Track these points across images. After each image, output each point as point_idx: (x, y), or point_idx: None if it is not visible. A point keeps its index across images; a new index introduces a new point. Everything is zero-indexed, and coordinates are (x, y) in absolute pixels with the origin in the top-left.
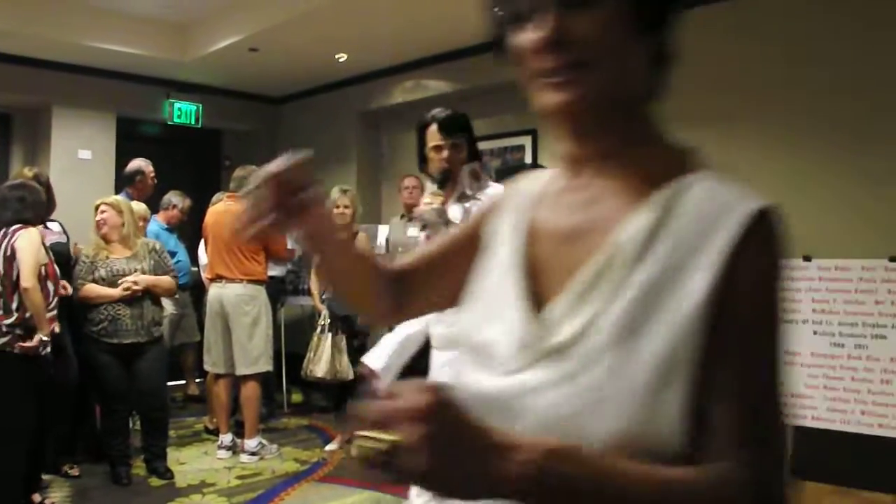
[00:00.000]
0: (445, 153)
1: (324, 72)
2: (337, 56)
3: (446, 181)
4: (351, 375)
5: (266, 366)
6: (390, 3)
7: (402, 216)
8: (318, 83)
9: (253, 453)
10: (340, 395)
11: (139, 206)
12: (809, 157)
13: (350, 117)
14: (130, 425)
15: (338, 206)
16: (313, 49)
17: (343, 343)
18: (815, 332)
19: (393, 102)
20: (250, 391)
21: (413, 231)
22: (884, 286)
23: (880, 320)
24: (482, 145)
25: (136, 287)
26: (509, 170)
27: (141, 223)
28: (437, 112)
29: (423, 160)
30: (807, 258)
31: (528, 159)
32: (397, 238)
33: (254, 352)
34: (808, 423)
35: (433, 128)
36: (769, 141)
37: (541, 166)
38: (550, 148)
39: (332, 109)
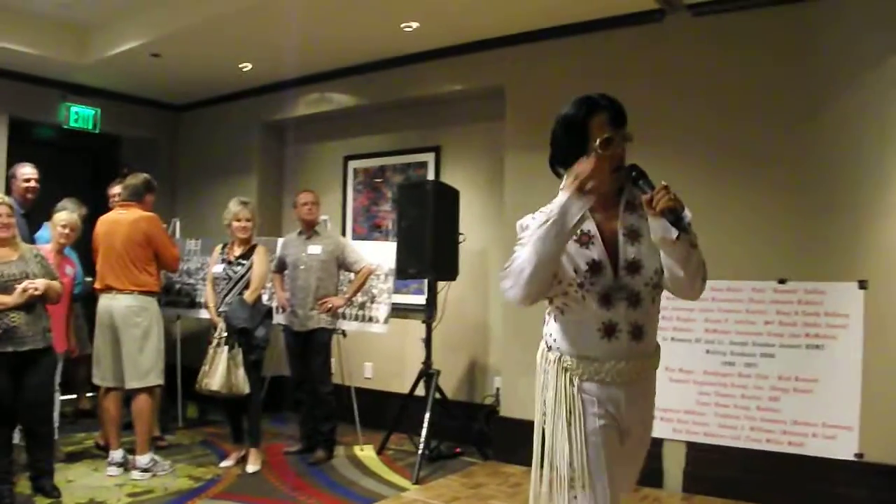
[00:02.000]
0: (621, 148)
1: (227, 80)
2: (241, 65)
3: (633, 182)
4: (246, 390)
5: (157, 380)
6: (296, 15)
7: (300, 233)
8: (222, 92)
9: (145, 470)
10: (236, 410)
11: None
12: (703, 181)
13: (253, 128)
14: (15, 440)
15: (238, 219)
16: (217, 57)
17: (239, 357)
18: (707, 351)
19: (297, 114)
20: (141, 405)
21: (315, 248)
22: (773, 307)
23: (769, 339)
24: (384, 161)
25: (36, 292)
26: (411, 186)
27: None
28: (601, 97)
29: (571, 157)
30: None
31: (431, 176)
32: (296, 255)
33: (144, 365)
34: (701, 439)
35: (603, 116)
36: (664, 165)
37: (443, 184)
38: (452, 165)
39: (234, 119)
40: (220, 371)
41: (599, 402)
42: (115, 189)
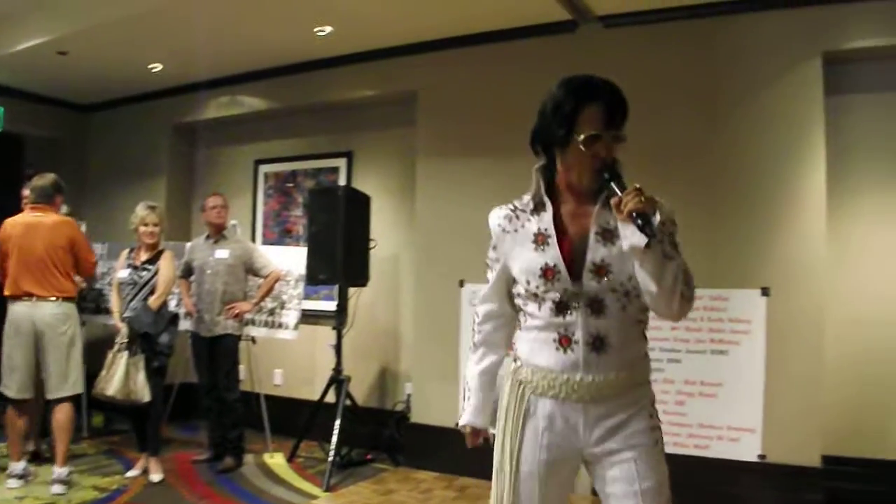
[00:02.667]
0: (605, 148)
1: (136, 81)
2: (151, 66)
3: (605, 183)
4: (146, 397)
5: (80, 387)
6: (208, 17)
7: (208, 237)
8: (131, 92)
9: (64, 482)
10: (141, 418)
11: None
12: None
13: (162, 129)
14: None
15: (146, 224)
16: (126, 56)
17: (141, 363)
18: None
19: (208, 117)
20: (65, 415)
21: (222, 253)
22: None
23: (676, 345)
24: (296, 165)
25: None
26: (322, 191)
27: None
28: (604, 84)
29: (553, 138)
30: None
31: (343, 181)
32: (203, 259)
33: (72, 373)
34: None
35: (598, 108)
36: None
37: (354, 189)
38: (364, 171)
39: (143, 120)
40: (118, 376)
41: (552, 421)
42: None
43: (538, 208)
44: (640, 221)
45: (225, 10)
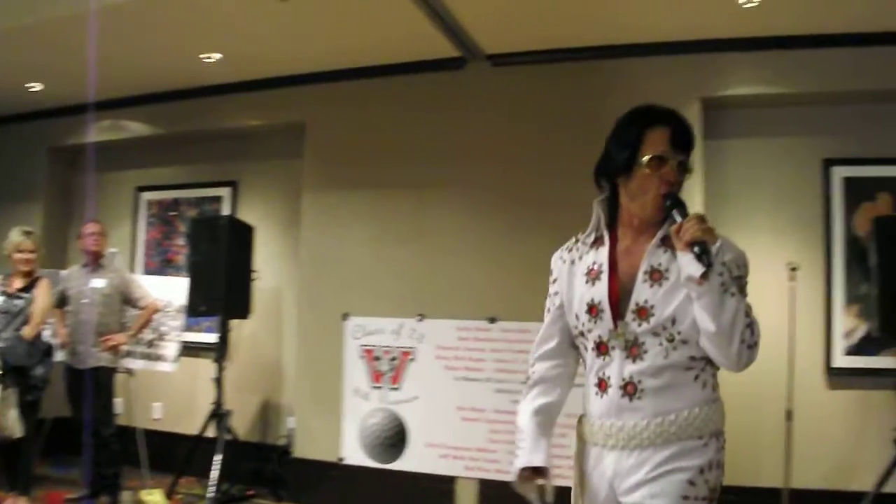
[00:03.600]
0: (672, 172)
1: (13, 101)
2: (29, 85)
3: (667, 210)
4: (18, 433)
5: None
6: (92, 37)
7: (84, 265)
8: (7, 112)
9: None
10: (12, 454)
11: None
12: (496, 225)
13: (40, 152)
14: None
15: (20, 250)
16: (2, 75)
17: (13, 397)
18: (497, 391)
19: (88, 140)
20: None
21: (98, 282)
22: None
23: None
24: (179, 194)
25: None
26: (205, 220)
27: None
28: (668, 111)
29: (615, 168)
30: (492, 320)
31: (227, 211)
32: (78, 288)
33: None
34: (493, 476)
35: (664, 132)
36: (460, 209)
37: (237, 219)
38: (249, 201)
39: (20, 142)
40: None
41: (596, 469)
42: None
43: (597, 242)
44: (697, 250)
45: (109, 31)
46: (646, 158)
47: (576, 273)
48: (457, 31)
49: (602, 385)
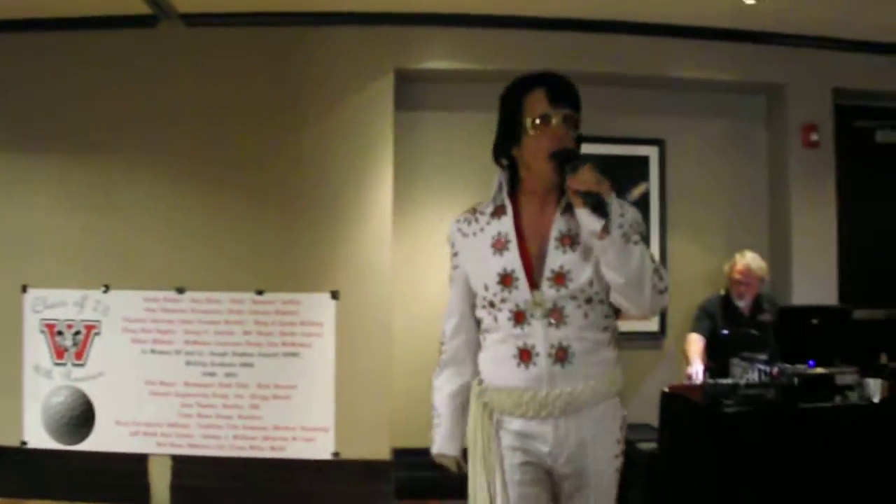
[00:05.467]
0: (558, 129)
1: None
2: None
3: (559, 168)
4: None
5: None
6: None
7: None
8: None
9: None
10: None
11: None
12: (190, 190)
13: None
14: None
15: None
16: None
17: None
18: (188, 363)
19: None
20: None
21: None
22: (251, 317)
23: (248, 349)
24: None
25: None
26: None
27: None
28: (544, 72)
29: (507, 142)
30: (180, 290)
31: None
32: None
33: None
34: (186, 451)
35: (540, 92)
36: (150, 174)
37: None
38: None
39: None
40: None
41: (523, 440)
42: None
43: (498, 212)
44: (590, 202)
45: None
46: (528, 121)
47: (479, 245)
48: None
49: (525, 355)
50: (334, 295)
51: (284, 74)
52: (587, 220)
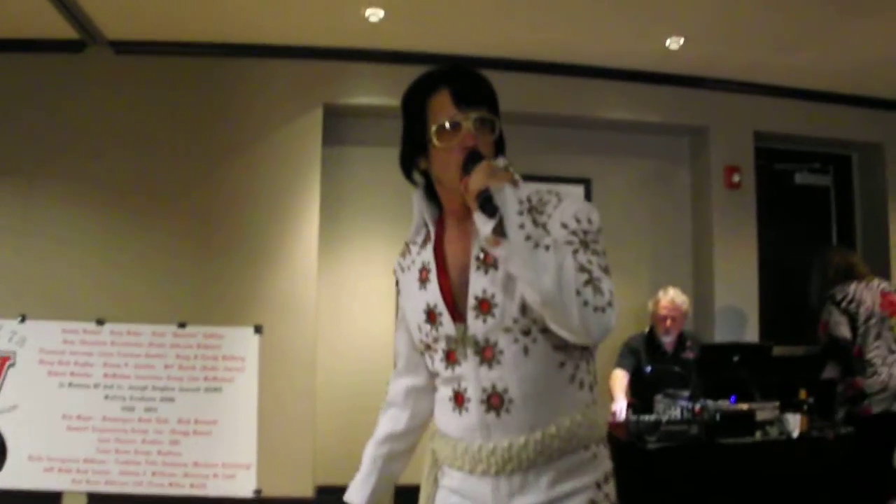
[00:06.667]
0: (469, 135)
1: None
2: None
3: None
4: None
5: None
6: None
7: None
8: None
9: None
10: None
11: None
12: (111, 220)
13: None
14: None
15: None
16: None
17: None
18: (106, 397)
19: None
20: None
21: None
22: (173, 351)
23: (169, 383)
24: None
25: None
26: None
27: None
28: (449, 69)
29: (415, 154)
30: (100, 322)
31: None
32: None
33: None
34: (103, 489)
35: (444, 95)
36: (72, 201)
37: None
38: None
39: None
40: None
41: (461, 499)
42: None
43: (426, 239)
44: (480, 200)
45: None
46: (432, 130)
47: (410, 280)
48: (74, 11)
49: (459, 399)
50: (258, 329)
51: (213, 106)
52: (480, 224)
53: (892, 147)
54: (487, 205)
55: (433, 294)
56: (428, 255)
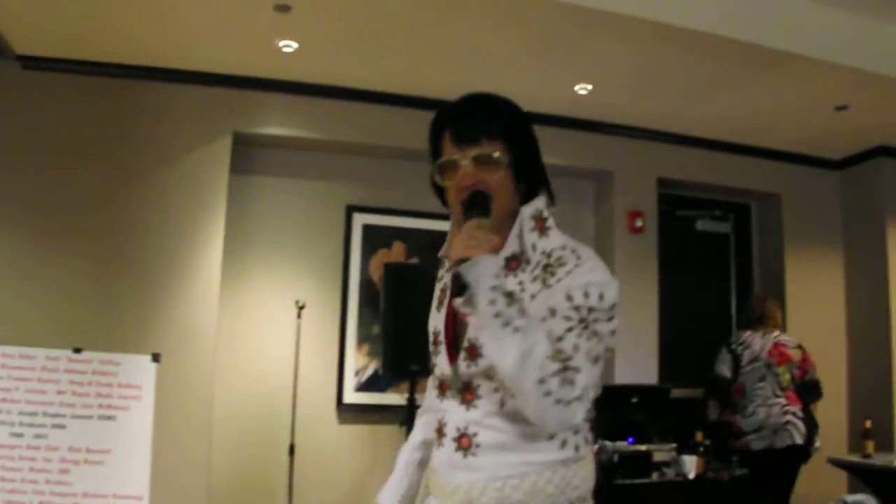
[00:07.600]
0: (466, 176)
1: None
2: None
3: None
4: None
5: None
6: None
7: None
8: None
9: None
10: None
11: None
12: (9, 240)
13: None
14: None
15: None
16: None
17: None
18: None
19: None
20: None
21: None
22: (66, 376)
23: (61, 410)
24: None
25: None
26: None
27: None
28: (457, 104)
29: (438, 188)
30: None
31: None
32: None
33: None
34: None
35: (448, 134)
36: None
37: None
38: None
39: None
40: None
41: None
42: None
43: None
44: (452, 274)
45: None
46: (434, 170)
47: (435, 294)
48: None
49: (440, 432)
50: (155, 357)
51: (118, 127)
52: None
53: (789, 197)
54: (458, 280)
55: (441, 323)
56: (449, 280)
